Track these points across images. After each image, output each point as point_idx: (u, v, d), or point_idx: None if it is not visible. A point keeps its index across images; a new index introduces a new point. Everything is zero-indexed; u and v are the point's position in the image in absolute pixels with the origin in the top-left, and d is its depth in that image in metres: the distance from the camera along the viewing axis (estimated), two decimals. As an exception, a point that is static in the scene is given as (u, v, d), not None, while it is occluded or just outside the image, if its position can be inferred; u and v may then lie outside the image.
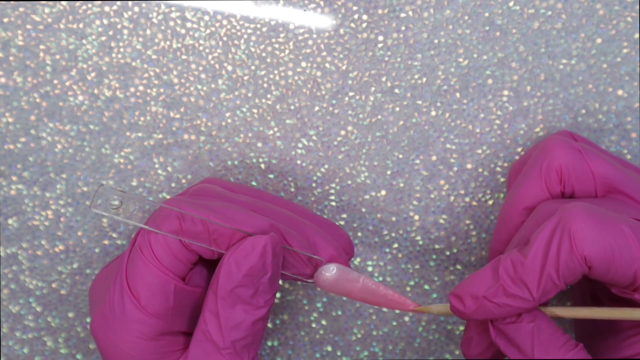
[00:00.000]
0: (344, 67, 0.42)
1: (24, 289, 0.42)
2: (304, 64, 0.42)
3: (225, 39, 0.42)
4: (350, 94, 0.42)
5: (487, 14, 0.41)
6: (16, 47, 0.41)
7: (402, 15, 0.41)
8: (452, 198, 0.42)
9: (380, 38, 0.42)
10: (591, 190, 0.36)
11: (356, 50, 0.42)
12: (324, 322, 0.43)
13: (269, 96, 0.42)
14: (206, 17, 0.41)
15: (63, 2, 0.41)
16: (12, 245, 0.42)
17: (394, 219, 0.42)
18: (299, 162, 0.42)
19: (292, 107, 0.42)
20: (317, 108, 0.42)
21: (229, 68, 0.42)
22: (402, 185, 0.42)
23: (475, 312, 0.33)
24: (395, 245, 0.43)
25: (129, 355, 0.33)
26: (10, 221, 0.42)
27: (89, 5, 0.41)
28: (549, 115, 0.42)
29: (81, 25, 0.41)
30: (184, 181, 0.42)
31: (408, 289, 0.43)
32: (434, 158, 0.42)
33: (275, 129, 0.42)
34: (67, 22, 0.41)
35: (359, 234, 0.43)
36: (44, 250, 0.42)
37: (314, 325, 0.43)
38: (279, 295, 0.43)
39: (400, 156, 0.42)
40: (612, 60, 0.42)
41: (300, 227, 0.35)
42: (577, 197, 0.36)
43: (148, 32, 0.41)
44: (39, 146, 0.42)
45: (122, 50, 0.41)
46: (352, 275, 0.35)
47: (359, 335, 0.43)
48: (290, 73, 0.42)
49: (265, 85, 0.42)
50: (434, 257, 0.43)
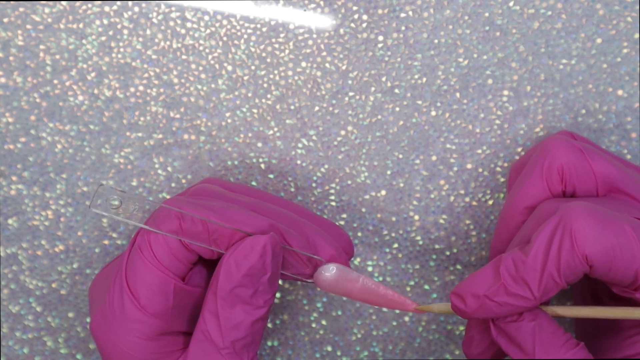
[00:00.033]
0: (344, 67, 0.42)
1: (24, 289, 0.42)
2: (304, 64, 0.42)
3: (225, 39, 0.42)
4: (350, 94, 0.42)
5: (487, 14, 0.41)
6: (16, 47, 0.41)
7: (402, 15, 0.41)
8: (452, 198, 0.42)
9: (380, 38, 0.42)
10: (592, 189, 0.36)
11: (356, 50, 0.42)
12: (324, 322, 0.43)
13: (269, 96, 0.42)
14: (206, 17, 0.41)
15: (63, 2, 0.41)
16: (12, 245, 0.42)
17: (394, 219, 0.42)
18: (299, 162, 0.42)
19: (292, 107, 0.42)
20: (317, 108, 0.42)
21: (229, 68, 0.42)
22: (402, 185, 0.42)
23: (477, 311, 0.32)
24: (395, 245, 0.43)
25: (128, 355, 0.33)
26: (10, 221, 0.42)
27: (89, 5, 0.41)
28: (549, 115, 0.42)
29: (81, 25, 0.41)
30: (184, 181, 0.42)
31: (408, 289, 0.43)
32: (434, 158, 0.42)
33: (275, 129, 0.42)
34: (67, 22, 0.41)
35: (359, 234, 0.43)
36: (44, 250, 0.42)
37: (314, 325, 0.43)
38: (279, 295, 0.43)
39: (400, 156, 0.42)
40: (612, 60, 0.42)
41: (300, 227, 0.35)
42: (578, 196, 0.36)
43: (148, 32, 0.41)
44: (39, 146, 0.42)
45: (122, 50, 0.41)
46: (352, 275, 0.35)
47: (359, 335, 0.43)
48: (290, 73, 0.42)
49: (265, 85, 0.42)
50: (434, 257, 0.43)
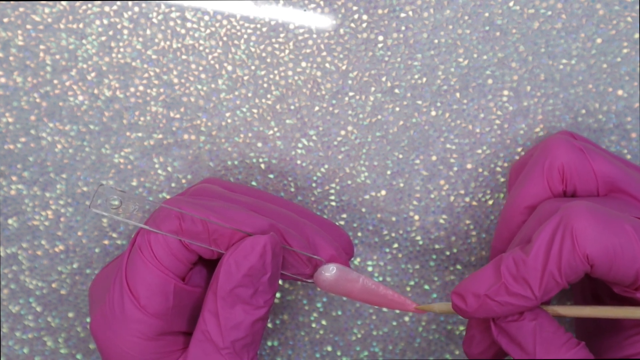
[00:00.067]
0: (344, 67, 0.42)
1: (24, 289, 0.42)
2: (304, 64, 0.42)
3: (225, 39, 0.42)
4: (350, 94, 0.42)
5: (487, 14, 0.41)
6: (16, 47, 0.41)
7: (402, 15, 0.41)
8: (452, 198, 0.42)
9: (380, 38, 0.42)
10: (593, 189, 0.36)
11: (356, 50, 0.42)
12: (324, 322, 0.43)
13: (269, 96, 0.42)
14: (206, 17, 0.41)
15: (63, 2, 0.41)
16: (12, 245, 0.42)
17: (394, 219, 0.42)
18: (299, 162, 0.42)
19: (292, 107, 0.42)
20: (317, 108, 0.42)
21: (229, 68, 0.42)
22: (402, 185, 0.42)
23: (477, 310, 0.32)
24: (395, 245, 0.43)
25: (128, 355, 0.33)
26: (10, 221, 0.42)
27: (89, 5, 0.41)
28: (549, 115, 0.42)
29: (81, 25, 0.41)
30: (184, 181, 0.42)
31: (408, 289, 0.43)
32: (434, 158, 0.42)
33: (275, 129, 0.42)
34: (67, 22, 0.41)
35: (359, 234, 0.43)
36: (44, 250, 0.42)
37: (314, 325, 0.43)
38: (279, 295, 0.43)
39: (400, 156, 0.42)
40: (612, 60, 0.42)
41: (300, 227, 0.35)
42: (579, 196, 0.36)
43: (148, 32, 0.41)
44: (39, 146, 0.42)
45: (122, 50, 0.41)
46: (352, 275, 0.35)
47: (359, 335, 0.43)
48: (290, 73, 0.42)
49: (265, 85, 0.42)
50: (434, 257, 0.43)
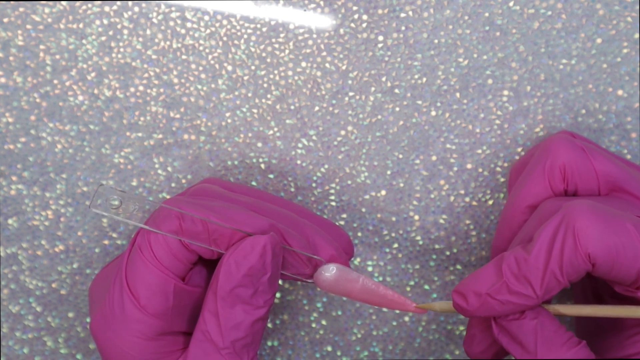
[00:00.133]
0: (344, 67, 0.42)
1: (24, 289, 0.42)
2: (304, 64, 0.42)
3: (225, 39, 0.42)
4: (350, 94, 0.42)
5: (487, 14, 0.41)
6: (16, 47, 0.41)
7: (402, 15, 0.41)
8: (452, 198, 0.42)
9: (380, 38, 0.42)
10: (594, 188, 0.36)
11: (356, 50, 0.42)
12: (324, 322, 0.43)
13: (269, 96, 0.42)
14: (206, 17, 0.41)
15: (63, 2, 0.41)
16: (12, 245, 0.42)
17: (394, 219, 0.42)
18: (299, 162, 0.42)
19: (292, 107, 0.42)
20: (317, 108, 0.42)
21: (229, 68, 0.42)
22: (402, 185, 0.42)
23: (479, 309, 0.32)
24: (395, 245, 0.43)
25: (128, 355, 0.33)
26: (10, 221, 0.42)
27: (89, 5, 0.41)
28: (549, 115, 0.42)
29: (81, 25, 0.41)
30: (184, 181, 0.42)
31: (408, 289, 0.43)
32: (434, 158, 0.42)
33: (275, 129, 0.42)
34: (67, 22, 0.41)
35: (359, 234, 0.43)
36: (44, 250, 0.42)
37: (314, 325, 0.43)
38: (279, 295, 0.43)
39: (400, 156, 0.42)
40: (612, 60, 0.42)
41: (300, 227, 0.35)
42: (580, 195, 0.36)
43: (148, 32, 0.41)
44: (39, 146, 0.42)
45: (122, 50, 0.41)
46: (351, 275, 0.35)
47: (359, 335, 0.43)
48: (290, 73, 0.42)
49: (265, 85, 0.42)
50: (434, 257, 0.43)
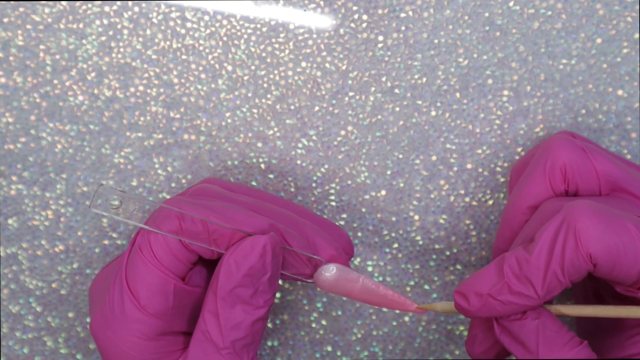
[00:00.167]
0: (344, 67, 0.42)
1: (24, 289, 0.42)
2: (304, 64, 0.42)
3: (225, 39, 0.42)
4: (350, 94, 0.42)
5: (487, 14, 0.41)
6: (16, 47, 0.41)
7: (402, 15, 0.41)
8: (452, 198, 0.42)
9: (380, 38, 0.42)
10: (595, 188, 0.36)
11: (356, 50, 0.42)
12: (324, 322, 0.43)
13: (269, 96, 0.42)
14: (206, 17, 0.41)
15: (63, 2, 0.41)
16: (12, 245, 0.42)
17: (394, 219, 0.42)
18: (299, 162, 0.42)
19: (292, 107, 0.42)
20: (317, 108, 0.42)
21: (229, 68, 0.42)
22: (402, 185, 0.42)
23: (480, 309, 0.32)
24: (395, 245, 0.43)
25: (128, 355, 0.33)
26: (10, 221, 0.42)
27: (89, 5, 0.41)
28: (549, 115, 0.42)
29: (81, 25, 0.41)
30: (184, 181, 0.42)
31: (408, 289, 0.43)
32: (434, 158, 0.42)
33: (275, 129, 0.42)
34: (67, 22, 0.41)
35: (359, 234, 0.43)
36: (44, 250, 0.42)
37: (314, 325, 0.43)
38: (279, 295, 0.43)
39: (400, 156, 0.42)
40: (612, 60, 0.42)
41: (300, 227, 0.35)
42: (581, 195, 0.36)
43: (148, 32, 0.41)
44: (39, 146, 0.42)
45: (122, 50, 0.41)
46: (351, 275, 0.35)
47: (359, 335, 0.43)
48: (290, 73, 0.42)
49: (265, 85, 0.42)
50: (434, 257, 0.43)
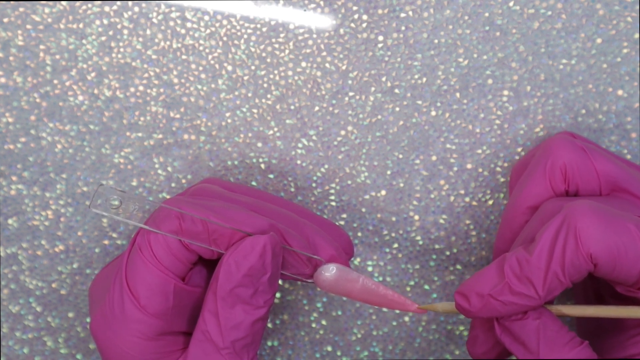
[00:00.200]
0: (344, 67, 0.42)
1: (24, 289, 0.42)
2: (304, 64, 0.42)
3: (225, 39, 0.42)
4: (350, 94, 0.42)
5: (487, 14, 0.41)
6: (16, 47, 0.41)
7: (402, 15, 0.41)
8: (452, 198, 0.42)
9: (380, 38, 0.42)
10: (595, 188, 0.36)
11: (356, 50, 0.42)
12: (324, 322, 0.43)
13: (269, 96, 0.42)
14: (206, 17, 0.41)
15: (63, 2, 0.41)
16: (12, 245, 0.42)
17: (394, 219, 0.42)
18: (299, 162, 0.42)
19: (292, 107, 0.42)
20: (317, 108, 0.42)
21: (229, 68, 0.42)
22: (402, 185, 0.42)
23: (481, 310, 0.32)
24: (395, 245, 0.43)
25: (128, 355, 0.33)
26: (10, 221, 0.42)
27: (89, 5, 0.41)
28: (549, 115, 0.42)
29: (81, 25, 0.41)
30: (184, 181, 0.42)
31: (408, 289, 0.43)
32: (434, 158, 0.42)
33: (275, 129, 0.42)
34: (67, 22, 0.41)
35: (359, 234, 0.43)
36: (44, 250, 0.42)
37: (314, 325, 0.43)
38: (279, 295, 0.43)
39: (400, 156, 0.42)
40: (612, 60, 0.42)
41: (300, 227, 0.35)
42: (581, 195, 0.36)
43: (148, 32, 0.41)
44: (39, 146, 0.42)
45: (122, 50, 0.41)
46: (351, 275, 0.35)
47: (359, 335, 0.43)
48: (290, 73, 0.42)
49: (265, 85, 0.42)
50: (434, 257, 0.43)
